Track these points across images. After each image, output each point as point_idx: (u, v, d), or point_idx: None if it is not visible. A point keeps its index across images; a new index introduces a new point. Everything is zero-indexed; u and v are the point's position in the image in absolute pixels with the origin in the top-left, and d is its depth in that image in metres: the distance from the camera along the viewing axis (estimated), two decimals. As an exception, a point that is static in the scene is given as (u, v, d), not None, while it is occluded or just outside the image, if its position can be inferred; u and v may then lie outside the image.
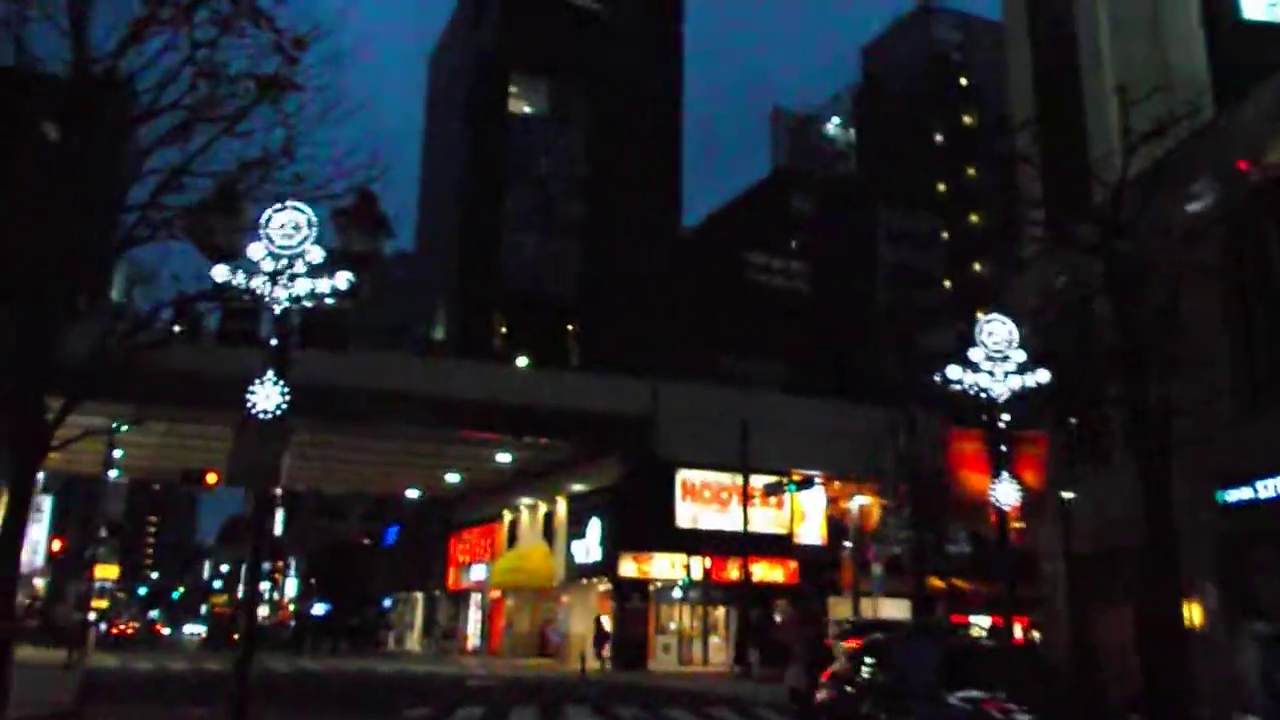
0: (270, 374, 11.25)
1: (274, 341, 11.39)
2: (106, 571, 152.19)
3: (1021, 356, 15.12)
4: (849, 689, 11.72)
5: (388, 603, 69.28)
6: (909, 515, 34.50)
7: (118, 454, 42.97)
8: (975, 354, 15.11)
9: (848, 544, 38.59)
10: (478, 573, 52.12)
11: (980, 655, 11.80)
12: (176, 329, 12.54)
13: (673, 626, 41.99)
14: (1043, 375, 15.10)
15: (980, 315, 15.61)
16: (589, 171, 75.43)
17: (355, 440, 42.84)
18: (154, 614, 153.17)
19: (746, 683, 31.18)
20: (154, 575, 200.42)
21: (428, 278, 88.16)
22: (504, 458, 42.64)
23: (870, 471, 40.93)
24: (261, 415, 11.06)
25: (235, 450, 11.18)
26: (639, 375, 41.95)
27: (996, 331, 15.27)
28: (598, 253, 74.12)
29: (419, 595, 62.99)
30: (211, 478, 37.46)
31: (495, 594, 50.89)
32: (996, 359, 15.10)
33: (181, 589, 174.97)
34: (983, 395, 15.01)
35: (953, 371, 15.03)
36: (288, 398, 11.19)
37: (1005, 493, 14.67)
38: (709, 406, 40.07)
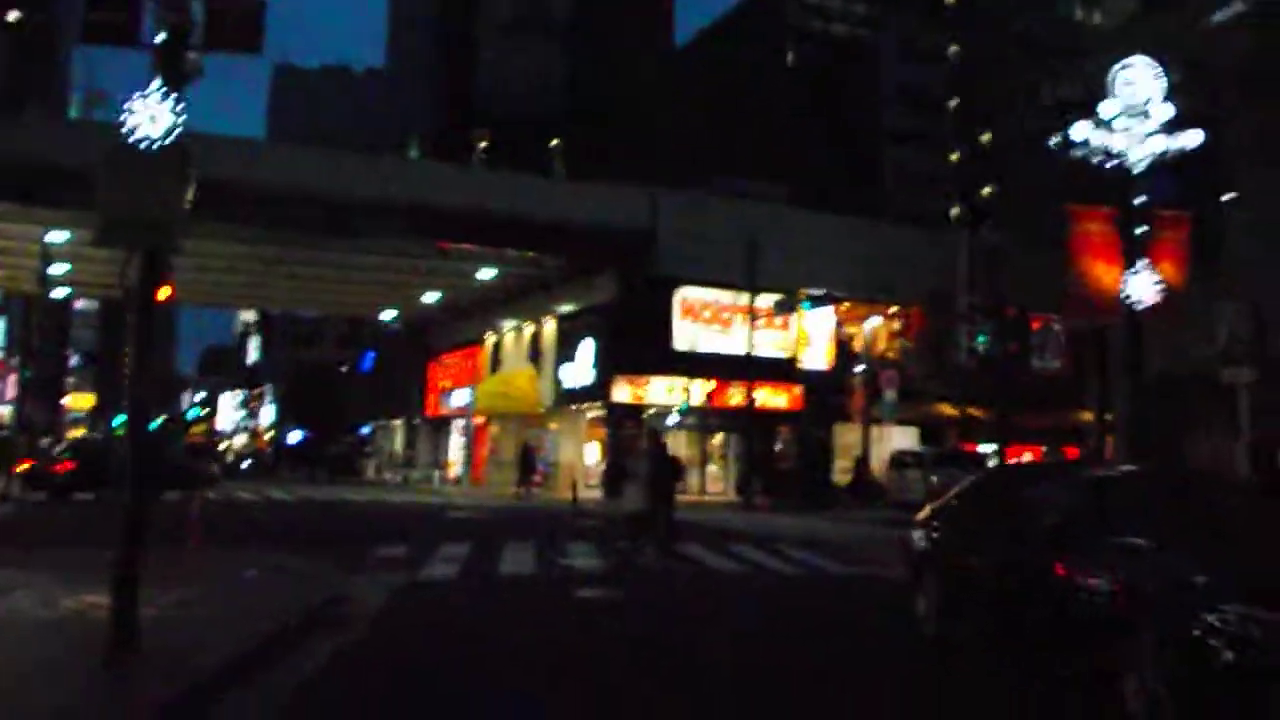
0: (157, 84, 7.66)
1: (162, 38, 7.74)
2: (81, 401, 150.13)
3: (1168, 112, 11.64)
4: (964, 533, 8.73)
5: (366, 430, 66.88)
6: (987, 326, 30.35)
7: (63, 268, 39.26)
8: (1108, 108, 11.61)
9: (860, 368, 35.73)
10: (459, 398, 49.37)
11: (1147, 490, 8.67)
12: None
13: (666, 454, 39.50)
14: (1194, 137, 11.67)
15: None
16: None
17: (326, 255, 39.25)
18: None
19: (756, 515, 28.74)
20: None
21: (401, 97, 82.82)
22: (487, 274, 39.16)
23: (884, 291, 37.98)
24: (144, 143, 7.54)
25: (105, 192, 7.62)
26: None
27: (1138, 80, 11.73)
28: (585, 62, 68.86)
29: (398, 423, 60.52)
30: (165, 291, 33.99)
31: (478, 420, 48.26)
32: (1134, 116, 11.63)
33: (160, 419, 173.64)
34: (1111, 163, 11.61)
35: (1079, 130, 11.55)
36: (183, 119, 7.63)
37: (1141, 286, 11.45)
38: (713, 219, 36.58)
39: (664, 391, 37.08)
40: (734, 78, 77.32)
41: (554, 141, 68.30)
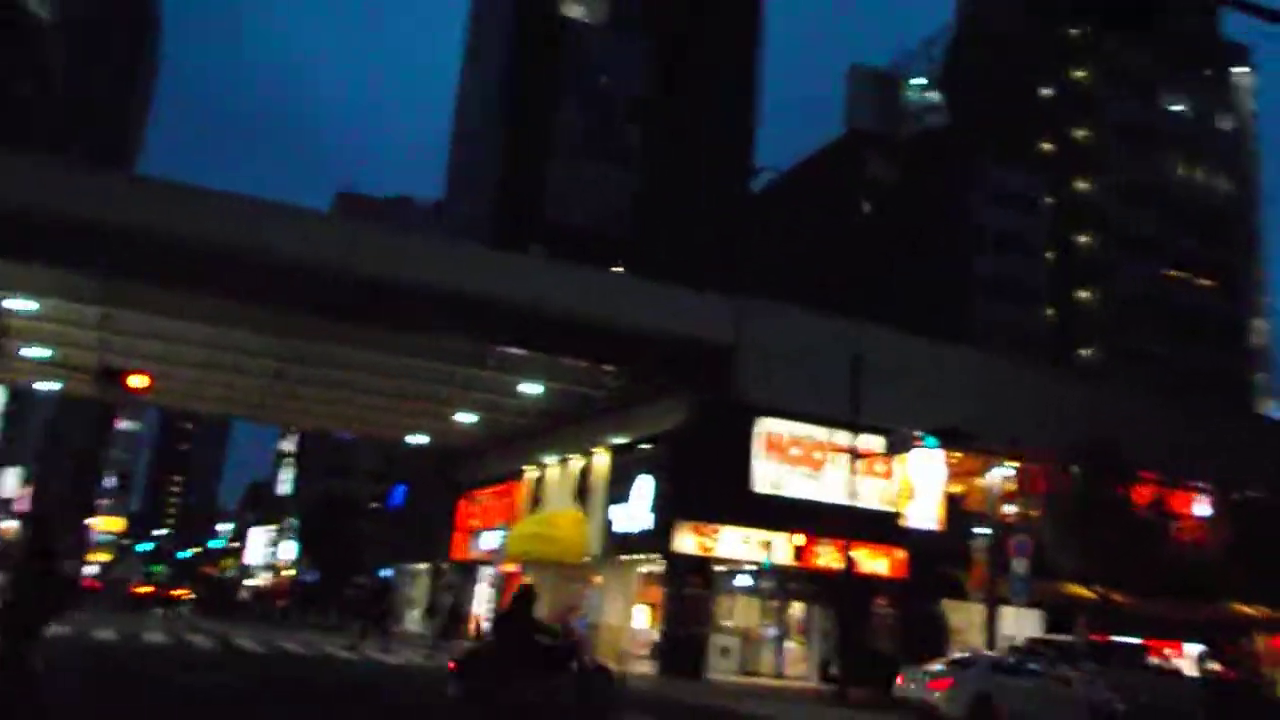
0: None
1: None
2: (109, 524, 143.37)
3: None
4: None
5: (386, 573, 59.84)
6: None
7: (44, 353, 33.82)
8: None
9: (985, 531, 28.56)
10: (490, 541, 42.55)
11: None
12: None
13: (727, 624, 31.97)
14: None
15: None
16: (651, 93, 65.42)
17: (352, 354, 33.33)
18: (155, 569, 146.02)
19: (857, 714, 21.40)
20: (161, 532, 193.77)
21: (460, 219, 78.90)
22: (533, 389, 32.97)
23: (1006, 440, 31.05)
24: None
25: None
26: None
27: None
28: (655, 189, 64.33)
29: (423, 567, 53.53)
30: (140, 380, 28.25)
31: (511, 567, 41.19)
32: None
33: (194, 550, 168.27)
34: None
35: None
36: None
37: None
38: (808, 340, 30.38)
39: (739, 543, 30.05)
40: (810, 222, 72.86)
41: (615, 267, 63.27)
